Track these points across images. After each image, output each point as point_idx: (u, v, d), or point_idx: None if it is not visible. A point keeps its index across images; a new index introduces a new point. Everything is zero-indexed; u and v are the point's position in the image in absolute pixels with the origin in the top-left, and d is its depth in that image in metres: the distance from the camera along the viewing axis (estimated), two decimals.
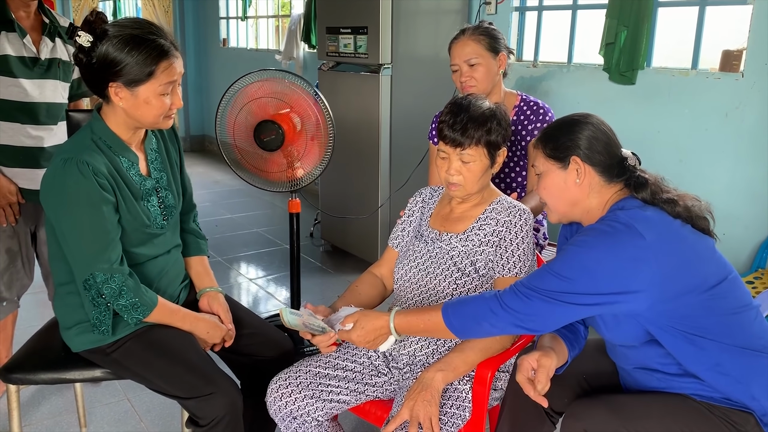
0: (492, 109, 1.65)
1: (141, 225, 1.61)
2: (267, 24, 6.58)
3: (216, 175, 6.36)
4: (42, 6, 2.22)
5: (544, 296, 1.36)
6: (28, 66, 2.14)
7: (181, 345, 1.62)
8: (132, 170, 1.62)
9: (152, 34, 1.50)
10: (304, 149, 2.48)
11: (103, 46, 1.47)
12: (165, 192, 1.70)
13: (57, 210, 1.52)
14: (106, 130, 1.57)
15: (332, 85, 3.92)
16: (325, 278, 3.76)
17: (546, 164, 1.47)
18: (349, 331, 1.55)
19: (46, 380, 1.65)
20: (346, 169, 3.89)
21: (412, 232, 1.84)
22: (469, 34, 2.20)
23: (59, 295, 1.66)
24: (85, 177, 1.48)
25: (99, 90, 1.54)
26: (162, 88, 1.52)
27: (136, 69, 1.48)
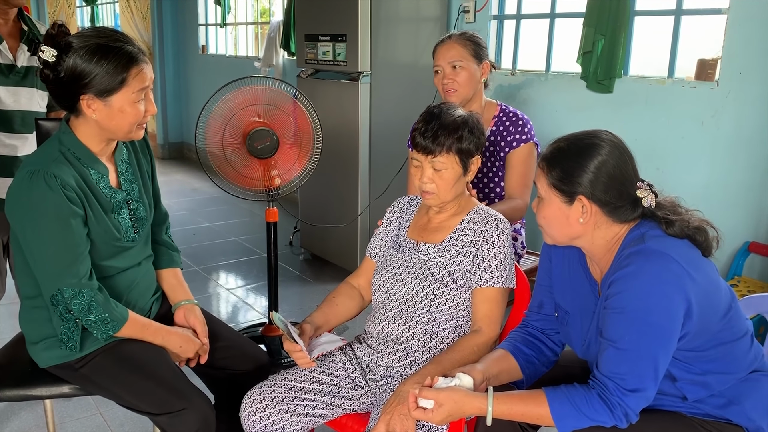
0: (464, 117, 1.64)
1: (111, 238, 1.57)
2: (246, 31, 6.54)
3: (194, 182, 6.29)
4: (21, 14, 2.19)
5: (643, 382, 1.27)
6: (3, 73, 2.11)
7: (152, 359, 1.57)
8: (102, 182, 1.57)
9: (118, 41, 1.47)
10: (282, 158, 2.46)
11: (70, 59, 1.44)
12: (136, 204, 1.66)
13: (23, 223, 1.47)
14: (75, 142, 1.53)
15: (311, 93, 3.87)
16: (304, 287, 3.72)
17: (548, 193, 1.35)
18: (429, 411, 1.33)
19: (12, 397, 1.59)
20: (326, 177, 3.86)
21: (390, 242, 1.82)
22: (456, 39, 2.21)
23: (25, 309, 1.61)
24: (52, 190, 1.44)
25: (70, 104, 1.49)
26: (135, 95, 1.49)
27: (107, 78, 1.45)
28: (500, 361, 1.49)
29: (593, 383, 1.31)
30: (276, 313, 1.64)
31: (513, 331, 1.61)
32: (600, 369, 1.30)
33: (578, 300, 1.49)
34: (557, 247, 1.51)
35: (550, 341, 1.57)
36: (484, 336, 1.62)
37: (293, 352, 1.61)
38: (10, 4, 2.10)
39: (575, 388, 1.31)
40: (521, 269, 1.80)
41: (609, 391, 1.27)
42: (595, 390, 1.29)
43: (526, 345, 1.54)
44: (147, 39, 7.35)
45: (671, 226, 1.32)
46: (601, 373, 1.29)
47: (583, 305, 1.47)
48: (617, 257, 1.36)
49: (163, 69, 7.29)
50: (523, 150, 2.22)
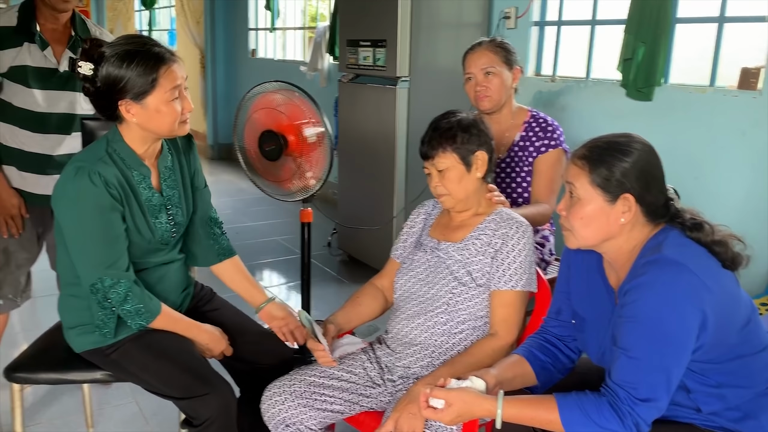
0: (461, 119, 1.70)
1: (146, 237, 1.65)
2: (295, 36, 6.67)
3: (241, 183, 6.45)
4: (74, 19, 2.25)
5: (655, 392, 1.26)
6: (45, 77, 2.18)
7: (177, 347, 1.65)
8: (143, 184, 1.65)
9: (146, 44, 1.55)
10: (315, 159, 2.52)
11: (103, 69, 1.52)
12: (175, 209, 1.74)
13: (67, 216, 1.57)
14: (121, 144, 1.62)
15: (351, 97, 3.96)
16: (340, 288, 3.78)
17: (590, 192, 1.33)
18: (439, 411, 1.34)
19: (47, 380, 1.70)
20: (363, 179, 3.92)
21: (414, 242, 1.86)
22: (486, 45, 2.23)
23: (64, 297, 1.72)
24: (95, 185, 1.53)
25: (111, 113, 1.58)
26: (168, 94, 1.56)
27: (139, 81, 1.52)
28: (515, 366, 1.50)
29: (604, 391, 1.31)
30: (303, 312, 1.71)
31: (530, 336, 1.62)
32: (612, 377, 1.30)
33: (595, 307, 1.49)
34: (577, 253, 1.51)
35: (567, 348, 1.57)
36: (501, 340, 1.64)
37: (315, 350, 1.67)
38: (57, 9, 2.17)
39: (586, 395, 1.31)
40: (549, 276, 1.81)
41: (620, 399, 1.27)
42: (605, 398, 1.29)
43: (541, 351, 1.55)
44: (200, 43, 7.57)
45: (695, 230, 1.32)
46: (612, 381, 1.29)
47: (599, 312, 1.47)
48: (634, 265, 1.35)
49: (215, 72, 7.50)
50: (551, 155, 2.23)
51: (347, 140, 4.04)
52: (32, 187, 2.24)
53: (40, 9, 2.17)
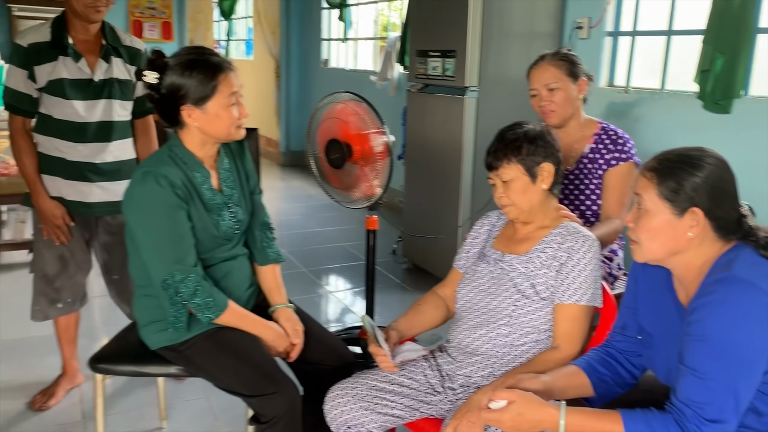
0: (527, 130, 1.70)
1: (210, 234, 1.75)
2: (366, 45, 6.78)
3: (310, 189, 6.59)
4: (103, 29, 2.30)
5: (723, 413, 1.23)
6: (81, 88, 2.24)
7: (248, 345, 1.73)
8: (204, 185, 1.76)
9: (206, 54, 1.68)
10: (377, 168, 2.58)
11: (167, 78, 1.65)
12: (236, 207, 1.84)
13: (137, 218, 1.69)
14: (182, 149, 1.74)
15: (420, 107, 4.00)
16: (404, 296, 3.82)
17: (657, 204, 1.31)
18: (499, 411, 1.33)
19: (127, 372, 1.81)
20: (429, 189, 3.95)
21: (477, 253, 1.87)
22: (549, 59, 2.21)
23: (137, 297, 1.82)
24: (162, 187, 1.64)
25: (174, 118, 1.70)
26: (227, 99, 1.68)
27: (200, 87, 1.65)
28: (570, 376, 1.49)
29: (670, 409, 1.28)
30: (367, 317, 1.76)
31: (592, 349, 1.60)
32: (678, 395, 1.28)
33: (663, 324, 1.46)
34: (645, 268, 1.49)
35: (630, 363, 1.55)
36: (563, 353, 1.63)
37: (377, 355, 1.71)
38: (90, 20, 2.23)
39: (651, 411, 1.29)
40: (616, 291, 1.78)
41: (687, 418, 1.25)
42: (672, 416, 1.27)
43: (601, 364, 1.53)
44: (275, 53, 7.80)
45: None
46: (678, 400, 1.27)
47: (667, 329, 1.44)
48: (703, 283, 1.33)
49: (288, 81, 7.70)
50: (622, 169, 2.19)
51: (414, 149, 4.08)
52: (77, 195, 2.32)
53: (72, 22, 2.24)
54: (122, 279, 2.46)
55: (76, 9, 2.18)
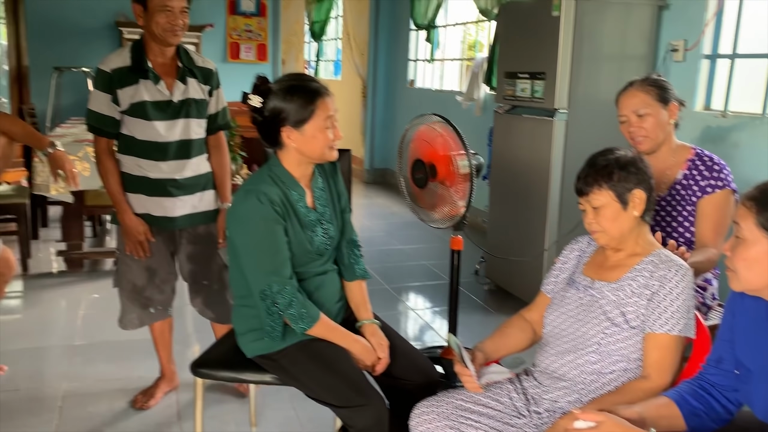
0: (619, 156, 1.69)
1: (304, 249, 1.85)
2: (452, 66, 6.84)
3: (393, 206, 6.69)
4: (179, 52, 2.41)
5: None
6: (161, 109, 2.36)
7: (338, 357, 1.81)
8: (300, 202, 1.87)
9: (305, 81, 1.81)
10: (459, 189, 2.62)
11: (270, 102, 1.78)
12: (328, 224, 1.93)
13: (239, 232, 1.81)
14: (280, 169, 1.86)
15: (506, 128, 4.01)
16: (485, 317, 3.81)
17: (755, 234, 1.30)
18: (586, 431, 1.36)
19: (225, 378, 1.92)
20: (514, 210, 3.94)
21: (566, 279, 1.87)
22: (638, 85, 2.19)
23: (236, 307, 1.94)
24: (262, 203, 1.76)
25: (274, 139, 1.82)
26: (323, 122, 1.79)
27: (299, 111, 1.77)
28: (661, 407, 1.47)
29: None
30: (453, 336, 1.80)
31: (684, 381, 1.57)
32: None
33: (763, 358, 1.42)
34: (743, 299, 1.46)
35: (724, 398, 1.51)
36: (653, 383, 1.60)
37: (463, 375, 1.74)
38: (168, 44, 2.32)
39: None
40: (710, 323, 1.74)
41: None
42: None
43: (694, 397, 1.50)
44: (362, 73, 7.99)
45: None
46: None
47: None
48: None
49: (374, 100, 7.87)
50: (719, 197, 2.13)
51: (500, 170, 4.08)
52: (161, 210, 2.45)
53: (150, 46, 2.35)
54: (210, 285, 2.59)
55: (155, 33, 2.29)
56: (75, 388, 2.77)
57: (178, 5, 2.28)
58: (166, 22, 2.27)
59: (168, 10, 2.26)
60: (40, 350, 3.15)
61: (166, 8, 2.26)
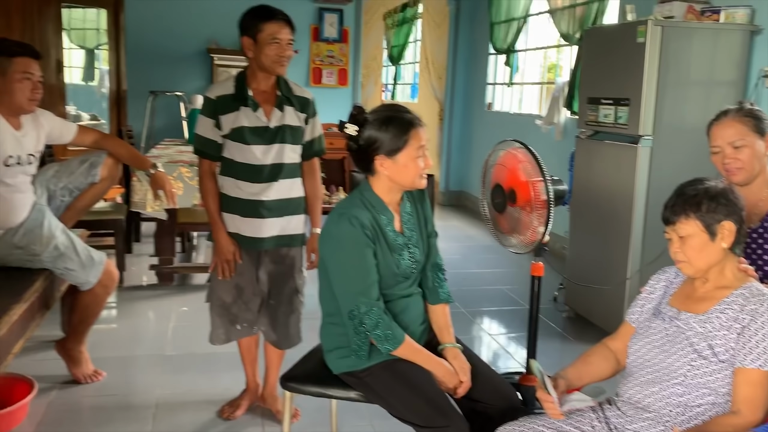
0: (708, 187, 1.67)
1: (391, 272, 1.92)
2: (532, 90, 6.83)
3: (469, 230, 6.69)
4: (278, 81, 2.54)
5: None
6: (259, 134, 2.48)
7: (422, 379, 1.86)
8: (389, 226, 1.94)
9: (400, 112, 1.88)
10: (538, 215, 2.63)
11: (366, 131, 1.87)
12: (414, 248, 1.99)
13: (330, 253, 1.90)
14: (371, 194, 1.94)
15: (588, 154, 3.98)
16: (564, 344, 3.77)
17: None
18: None
19: (312, 392, 2.00)
20: (596, 237, 3.89)
21: (651, 309, 1.86)
22: (733, 116, 2.14)
23: (324, 324, 2.02)
24: (353, 227, 1.85)
25: (367, 165, 1.91)
26: (415, 152, 1.87)
27: (393, 141, 1.86)
28: None
29: None
30: (535, 362, 1.81)
31: None
32: None
33: None
34: None
35: None
36: (743, 419, 1.57)
37: (545, 401, 1.75)
38: (274, 73, 2.46)
39: None
40: None
41: None
42: None
43: None
44: (440, 96, 8.08)
45: None
46: None
47: None
48: None
49: (451, 123, 7.93)
50: None
51: (581, 196, 4.05)
52: (251, 231, 2.55)
53: (255, 74, 2.48)
54: (277, 305, 2.67)
55: (264, 64, 2.44)
56: (167, 396, 2.93)
57: (286, 38, 2.43)
58: (274, 54, 2.41)
59: (277, 42, 2.40)
60: (134, 359, 3.34)
61: (275, 40, 2.40)
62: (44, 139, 2.87)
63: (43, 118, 2.86)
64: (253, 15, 2.43)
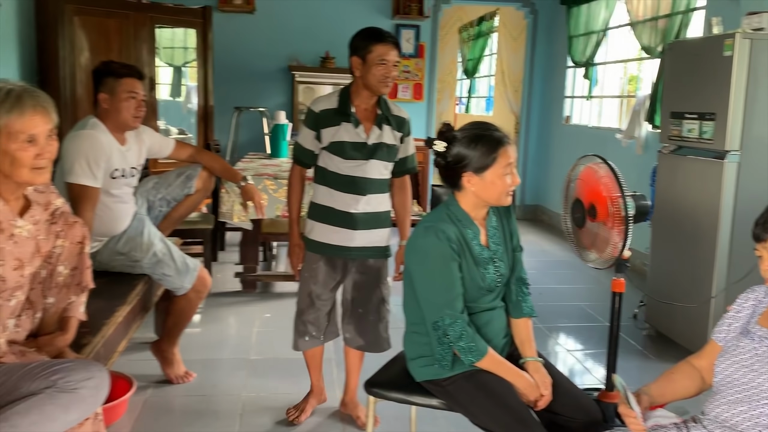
0: None
1: (476, 285, 1.97)
2: (611, 103, 6.72)
3: (544, 244, 6.62)
4: (379, 100, 2.63)
5: None
6: (357, 149, 2.58)
7: (504, 389, 1.90)
8: (474, 240, 1.99)
9: (489, 130, 1.93)
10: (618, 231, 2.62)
11: (454, 148, 1.93)
12: (500, 262, 2.04)
13: (417, 265, 1.97)
14: (457, 207, 2.00)
15: (671, 169, 3.90)
16: (644, 363, 3.69)
17: None
18: None
19: (395, 398, 2.07)
20: (679, 254, 3.80)
21: (739, 328, 1.83)
22: None
23: (408, 333, 2.09)
24: (439, 240, 1.90)
25: (455, 182, 1.96)
26: (502, 170, 1.91)
27: (481, 158, 1.90)
28: None
29: None
30: (617, 376, 1.82)
31: None
32: None
33: None
34: None
35: None
36: None
37: (627, 416, 1.75)
38: (378, 92, 2.56)
39: None
40: None
41: None
42: None
43: None
44: (516, 110, 8.06)
45: None
46: None
47: None
48: None
49: (527, 137, 7.89)
50: None
51: (664, 211, 3.96)
52: (340, 240, 2.65)
53: (359, 92, 2.58)
54: (366, 314, 2.76)
55: (370, 83, 2.55)
56: (252, 399, 3.06)
57: (393, 59, 2.54)
58: (381, 74, 2.52)
59: (384, 63, 2.52)
60: (220, 362, 3.51)
61: (383, 62, 2.51)
62: (145, 153, 3.09)
63: (145, 134, 3.08)
64: (364, 36, 2.56)
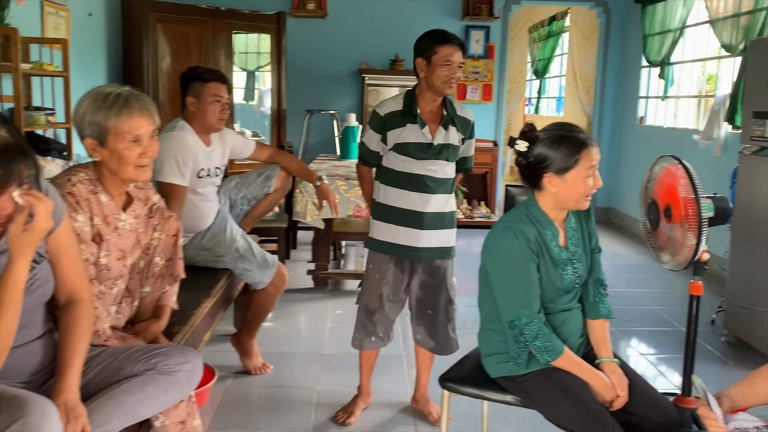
0: None
1: (554, 286, 1.98)
2: (688, 103, 6.52)
3: (618, 247, 6.49)
4: (444, 101, 2.67)
5: None
6: (423, 150, 2.62)
7: (579, 388, 1.92)
8: (553, 242, 2.00)
9: (573, 131, 1.92)
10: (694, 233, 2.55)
11: (536, 149, 1.93)
12: (578, 264, 2.05)
13: (494, 264, 2.00)
14: (537, 209, 2.01)
15: (753, 171, 3.78)
16: (723, 369, 3.59)
17: None
18: None
19: (470, 394, 2.11)
20: (759, 258, 3.67)
21: None
22: None
23: (483, 330, 2.13)
24: (518, 240, 1.93)
25: (536, 182, 1.97)
26: (585, 172, 1.90)
27: (564, 160, 1.90)
28: None
29: None
30: (697, 378, 1.81)
31: None
32: None
33: None
34: None
35: None
36: None
37: (707, 418, 1.74)
38: (443, 93, 2.61)
39: None
40: None
41: None
42: None
43: None
44: (588, 110, 7.92)
45: None
46: None
47: None
48: None
49: (600, 138, 7.73)
50: None
51: (744, 214, 3.84)
52: (408, 240, 2.68)
53: (423, 94, 2.65)
54: (435, 315, 2.79)
55: (435, 84, 2.60)
56: (326, 392, 3.16)
57: (457, 60, 2.59)
58: (445, 75, 2.58)
59: (448, 64, 2.58)
60: (295, 355, 3.63)
61: (448, 63, 2.57)
62: (228, 153, 3.24)
63: (228, 136, 3.24)
64: (429, 38, 2.62)
